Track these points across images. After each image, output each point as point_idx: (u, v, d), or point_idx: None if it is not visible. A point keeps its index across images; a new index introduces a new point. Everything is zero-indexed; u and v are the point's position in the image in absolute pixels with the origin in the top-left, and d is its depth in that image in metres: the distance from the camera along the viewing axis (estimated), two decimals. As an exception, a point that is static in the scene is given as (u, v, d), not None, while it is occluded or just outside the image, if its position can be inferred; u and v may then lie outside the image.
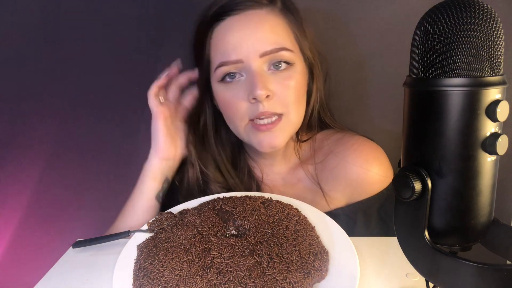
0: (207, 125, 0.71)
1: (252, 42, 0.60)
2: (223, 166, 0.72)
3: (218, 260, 0.45)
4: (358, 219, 0.66)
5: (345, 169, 0.66)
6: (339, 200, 0.67)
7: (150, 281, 0.45)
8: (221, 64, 0.62)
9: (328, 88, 0.74)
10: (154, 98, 0.68)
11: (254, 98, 0.60)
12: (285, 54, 0.61)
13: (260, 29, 0.60)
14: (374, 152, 0.67)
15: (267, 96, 0.60)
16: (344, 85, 0.83)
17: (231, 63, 0.61)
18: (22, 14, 0.85)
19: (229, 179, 0.72)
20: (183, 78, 0.71)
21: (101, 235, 0.62)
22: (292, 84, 0.62)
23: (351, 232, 0.52)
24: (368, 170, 0.65)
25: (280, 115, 0.62)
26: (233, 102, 0.63)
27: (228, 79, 0.63)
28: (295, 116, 0.64)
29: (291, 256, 0.46)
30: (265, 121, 0.62)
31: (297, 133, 0.70)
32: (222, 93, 0.64)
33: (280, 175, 0.73)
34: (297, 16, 0.65)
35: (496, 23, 0.31)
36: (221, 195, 0.62)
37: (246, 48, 0.60)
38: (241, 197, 0.59)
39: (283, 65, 0.62)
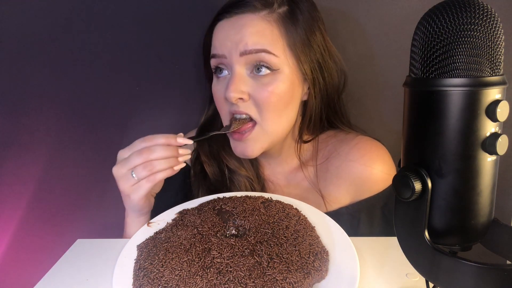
0: None
1: (235, 40, 0.61)
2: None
3: (218, 260, 0.45)
4: (362, 218, 0.66)
5: (349, 168, 0.67)
6: (343, 199, 0.68)
7: (150, 281, 0.45)
8: (212, 56, 0.66)
9: (345, 99, 0.75)
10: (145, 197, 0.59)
11: (228, 99, 0.62)
12: (266, 57, 0.60)
13: (245, 30, 0.61)
14: (378, 151, 0.68)
15: (241, 99, 0.62)
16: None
17: (217, 56, 0.64)
18: (23, 14, 0.85)
19: (249, 170, 0.72)
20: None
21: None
22: (272, 91, 0.61)
23: (355, 231, 0.52)
24: (372, 168, 0.65)
25: (254, 123, 0.63)
26: (217, 96, 0.66)
27: (218, 73, 0.66)
28: (270, 125, 0.63)
29: (291, 256, 0.46)
30: (238, 125, 0.63)
31: (300, 134, 0.70)
32: (213, 86, 0.67)
33: (283, 174, 0.73)
34: (300, 23, 0.63)
35: (496, 23, 0.31)
36: (221, 195, 0.62)
37: (229, 45, 0.62)
38: (241, 197, 0.59)
39: (264, 70, 0.61)
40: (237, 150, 0.66)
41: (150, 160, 0.54)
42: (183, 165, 0.58)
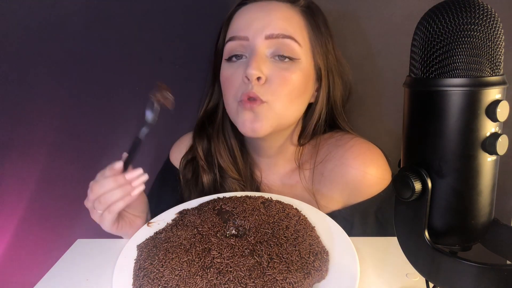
0: (223, 115, 0.72)
1: (261, 23, 0.61)
2: (236, 154, 0.72)
3: (218, 260, 0.45)
4: (355, 221, 0.65)
5: (342, 171, 0.66)
6: (336, 202, 0.67)
7: (150, 281, 0.45)
8: (229, 39, 0.64)
9: (351, 108, 0.75)
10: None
11: (247, 77, 0.60)
12: (291, 44, 0.61)
13: (273, 14, 0.62)
14: (372, 154, 0.67)
15: (259, 79, 0.60)
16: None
17: (238, 38, 0.63)
18: (23, 14, 0.85)
19: (243, 171, 0.72)
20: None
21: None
22: (290, 77, 0.61)
23: (348, 234, 0.52)
24: (365, 172, 0.64)
25: (261, 101, 0.61)
26: (230, 79, 0.64)
27: (234, 59, 0.64)
28: (280, 107, 0.62)
29: (291, 256, 0.46)
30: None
31: (299, 138, 0.70)
32: (225, 71, 0.65)
33: (278, 176, 0.73)
34: (319, 23, 0.66)
35: (496, 23, 0.31)
36: (221, 195, 0.62)
37: (254, 27, 0.61)
38: (241, 197, 0.59)
39: (286, 57, 0.61)
40: (247, 123, 0.62)
41: (102, 194, 0.56)
42: (141, 188, 0.58)
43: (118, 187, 0.56)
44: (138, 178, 0.57)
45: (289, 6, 0.64)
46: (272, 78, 0.61)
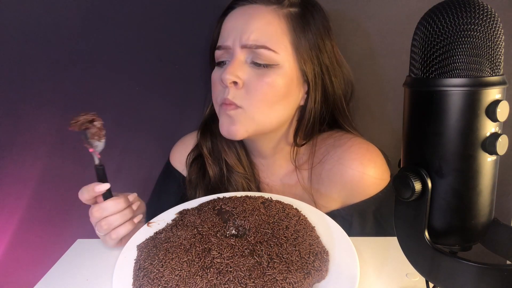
0: None
1: (240, 32, 0.62)
2: (240, 152, 0.74)
3: (218, 260, 0.45)
4: (354, 221, 0.65)
5: (340, 171, 0.66)
6: (335, 202, 0.67)
7: (150, 281, 0.45)
8: (217, 47, 0.66)
9: (352, 107, 0.75)
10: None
11: (223, 81, 0.62)
12: (265, 53, 0.61)
13: (251, 23, 0.62)
14: (370, 154, 0.66)
15: (235, 84, 0.62)
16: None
17: (223, 47, 0.65)
18: (23, 13, 0.85)
19: (247, 168, 0.73)
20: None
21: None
22: (267, 82, 0.61)
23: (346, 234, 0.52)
24: (363, 173, 0.64)
25: (238, 107, 0.63)
26: (213, 81, 0.67)
27: (222, 64, 0.66)
28: (256, 113, 0.62)
29: (291, 256, 0.46)
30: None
31: (295, 139, 0.70)
32: (213, 74, 0.68)
33: (277, 177, 0.73)
34: (310, 23, 0.64)
35: (496, 23, 0.31)
36: (221, 195, 0.62)
37: (234, 37, 0.63)
38: (241, 197, 0.59)
39: (262, 64, 0.62)
40: (224, 126, 0.64)
41: (103, 218, 0.57)
42: (141, 216, 0.61)
43: (118, 212, 0.57)
44: (135, 202, 0.60)
45: (272, 9, 0.63)
46: (250, 83, 0.62)
